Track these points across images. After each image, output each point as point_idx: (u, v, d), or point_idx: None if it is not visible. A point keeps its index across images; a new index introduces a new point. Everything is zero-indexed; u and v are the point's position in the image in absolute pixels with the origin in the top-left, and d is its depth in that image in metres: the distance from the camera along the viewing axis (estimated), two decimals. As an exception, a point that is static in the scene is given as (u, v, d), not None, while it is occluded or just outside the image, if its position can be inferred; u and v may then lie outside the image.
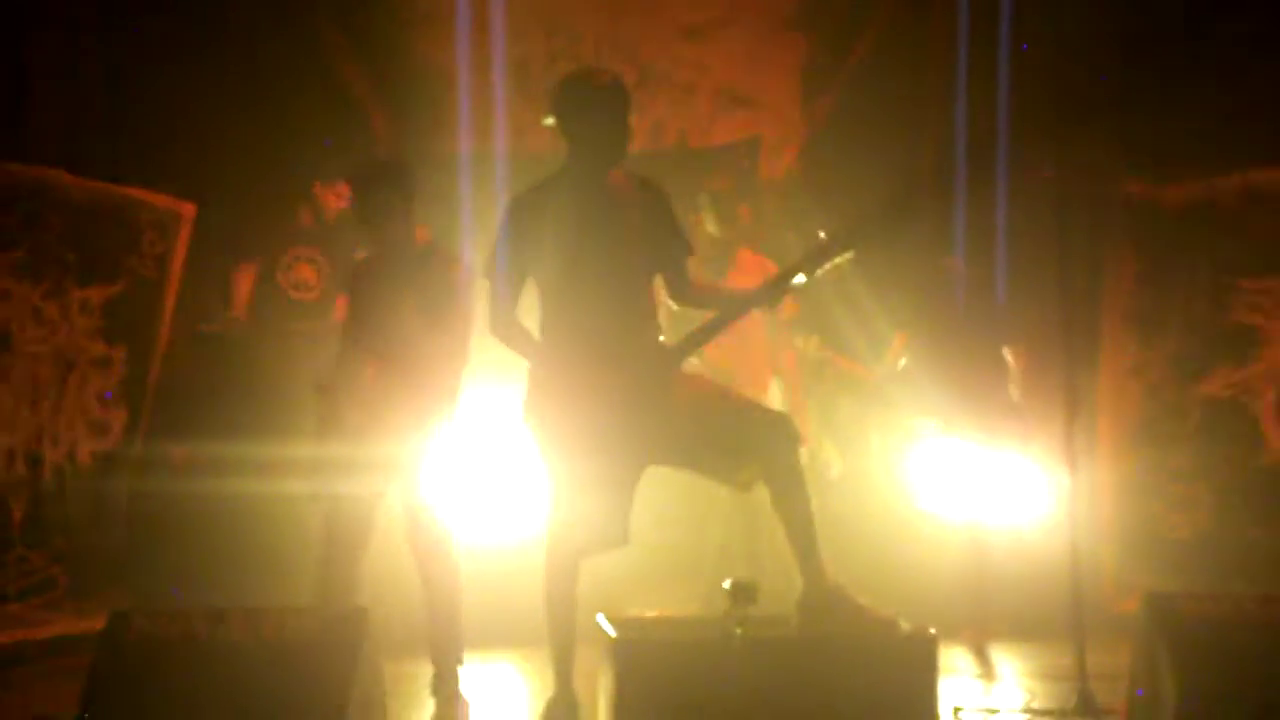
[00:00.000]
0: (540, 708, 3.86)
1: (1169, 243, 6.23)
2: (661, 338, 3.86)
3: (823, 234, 3.75)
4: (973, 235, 6.16)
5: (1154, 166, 6.20)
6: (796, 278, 3.74)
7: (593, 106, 3.79)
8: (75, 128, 5.61)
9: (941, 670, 3.44)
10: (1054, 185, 4.32)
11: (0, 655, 5.04)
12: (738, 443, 3.71)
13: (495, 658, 5.33)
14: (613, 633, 3.48)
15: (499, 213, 3.89)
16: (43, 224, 5.42)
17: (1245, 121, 5.85)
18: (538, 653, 4.12)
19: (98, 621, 3.65)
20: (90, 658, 3.47)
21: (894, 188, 4.83)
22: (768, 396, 5.59)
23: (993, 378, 5.50)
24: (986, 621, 5.54)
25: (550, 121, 3.85)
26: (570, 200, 3.80)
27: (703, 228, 5.60)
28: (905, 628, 3.55)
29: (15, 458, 5.34)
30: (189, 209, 5.85)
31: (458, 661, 4.34)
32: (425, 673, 4.38)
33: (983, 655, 5.29)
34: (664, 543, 5.56)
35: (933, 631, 3.44)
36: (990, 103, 6.22)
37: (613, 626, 3.53)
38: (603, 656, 3.55)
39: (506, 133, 6.38)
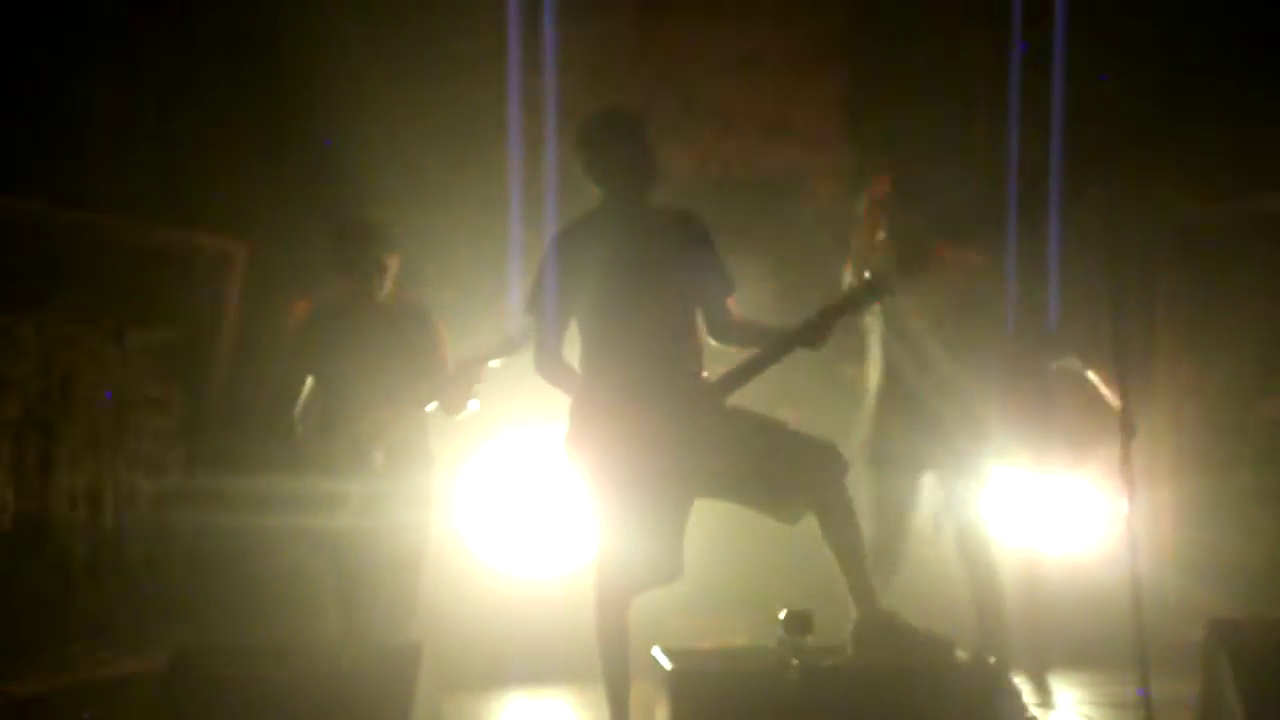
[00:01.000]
0: (597, 743, 3.87)
1: (1223, 262, 6.16)
2: (705, 373, 3.85)
3: (868, 273, 3.75)
4: (1024, 260, 6.12)
5: (1206, 185, 6.14)
6: (842, 316, 3.74)
7: (613, 140, 3.84)
8: (128, 171, 5.69)
9: (1013, 695, 3.41)
10: (1106, 207, 4.28)
11: (63, 698, 5.09)
12: (785, 475, 3.69)
13: (549, 694, 5.33)
14: (668, 665, 3.47)
15: (542, 250, 3.92)
16: (101, 269, 5.51)
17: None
18: (592, 688, 4.12)
19: (159, 662, 3.70)
20: (153, 698, 3.51)
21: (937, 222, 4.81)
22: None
23: (1043, 402, 5.43)
24: (1045, 650, 5.46)
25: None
26: (610, 235, 3.83)
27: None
28: (962, 656, 3.52)
29: (77, 500, 5.42)
30: (242, 248, 5.93)
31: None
32: (478, 707, 4.38)
33: (1041, 684, 5.22)
34: (718, 574, 5.54)
35: (992, 660, 3.40)
36: (1042, 125, 6.19)
37: (668, 658, 3.52)
38: (658, 689, 3.54)
39: (555, 170, 6.42)
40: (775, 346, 3.80)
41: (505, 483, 5.86)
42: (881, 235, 4.56)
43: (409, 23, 6.61)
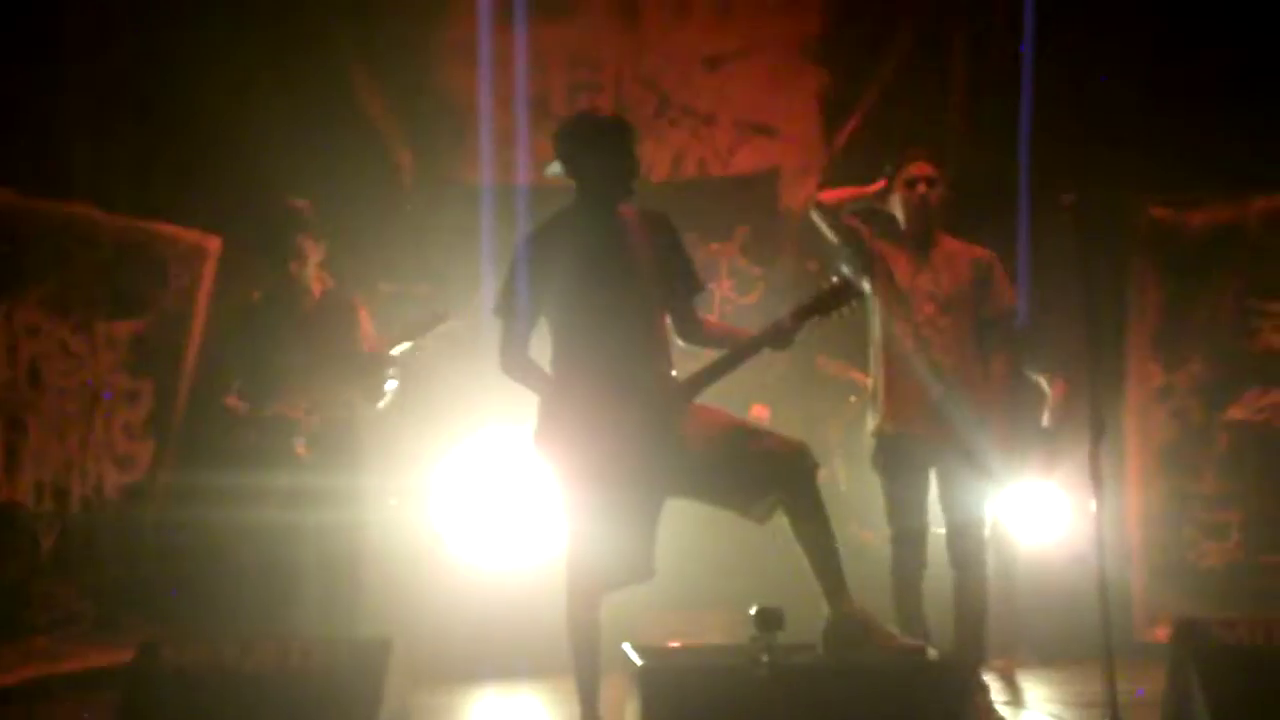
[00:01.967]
0: (566, 737, 3.87)
1: (1194, 267, 6.20)
2: (674, 372, 3.86)
3: (835, 277, 3.76)
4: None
5: (1178, 191, 6.19)
6: (809, 319, 3.75)
7: (596, 145, 3.84)
8: (102, 164, 5.66)
9: (970, 697, 3.42)
10: (1077, 211, 4.31)
11: (29, 689, 5.05)
12: (756, 474, 3.70)
13: (520, 689, 5.32)
14: (638, 661, 3.47)
15: (511, 251, 3.92)
16: (71, 259, 5.47)
17: (1270, 145, 5.83)
18: (563, 683, 4.12)
19: (126, 654, 3.68)
20: (119, 689, 3.49)
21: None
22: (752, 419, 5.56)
23: (1018, 404, 5.46)
24: (1014, 649, 5.50)
25: (552, 170, 3.89)
26: (580, 237, 3.83)
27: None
28: (933, 655, 3.53)
29: (43, 491, 5.37)
30: (214, 243, 5.90)
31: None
32: (449, 702, 4.38)
33: (1011, 683, 5.25)
34: (693, 571, 5.55)
35: (962, 658, 3.42)
36: (1012, 130, 6.22)
37: (638, 654, 3.52)
38: (628, 685, 3.54)
39: (528, 166, 6.42)
40: (743, 347, 3.83)
41: (478, 479, 5.85)
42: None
43: (386, 19, 6.60)
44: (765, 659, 3.31)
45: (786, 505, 3.70)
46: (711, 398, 3.87)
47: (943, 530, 4.54)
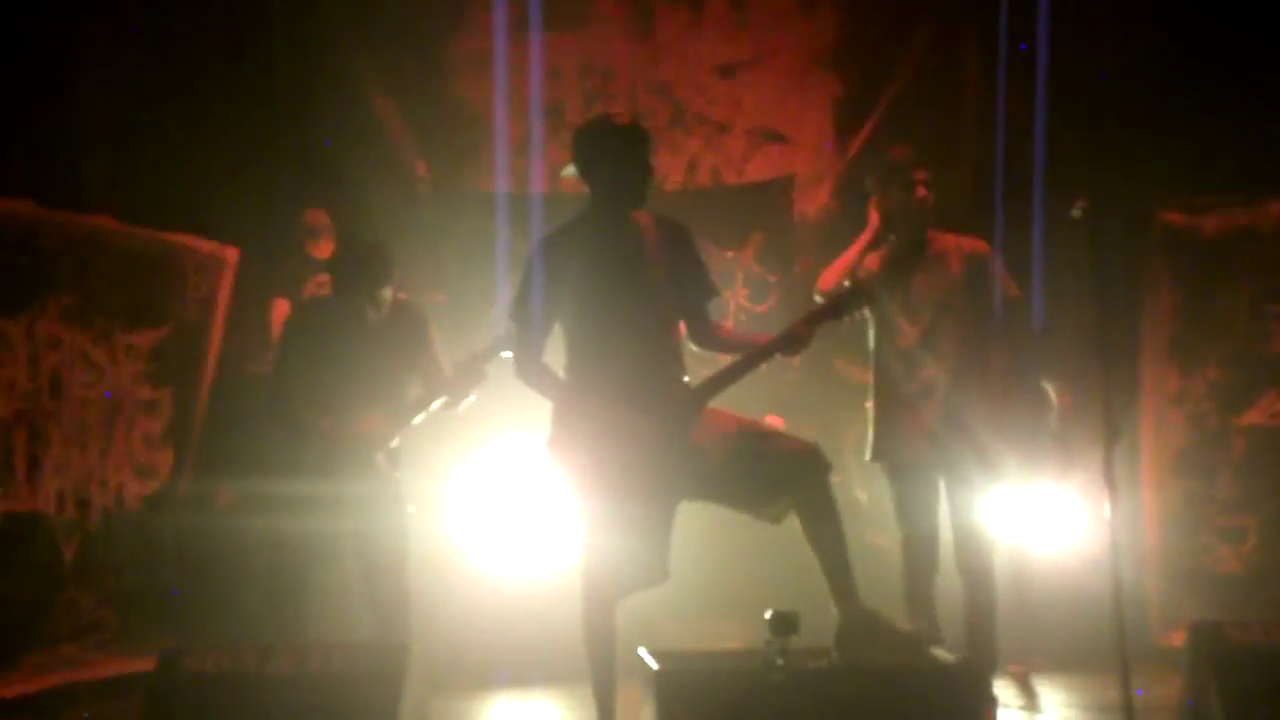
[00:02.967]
0: (583, 743, 3.89)
1: (1208, 271, 6.19)
2: (686, 378, 3.87)
3: (847, 281, 3.78)
4: (1009, 268, 6.16)
5: (1191, 195, 6.18)
6: (822, 323, 3.77)
7: (612, 150, 3.84)
8: (122, 176, 5.71)
9: (990, 701, 3.43)
10: (1091, 216, 4.31)
11: (52, 697, 5.09)
12: (769, 476, 3.72)
13: (536, 695, 5.34)
14: (654, 665, 3.49)
15: (527, 257, 3.94)
16: (91, 271, 5.52)
17: (1283, 149, 5.83)
18: (579, 689, 4.13)
19: (148, 661, 3.71)
20: (141, 697, 3.52)
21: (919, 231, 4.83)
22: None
23: (1031, 408, 5.46)
24: (1030, 653, 5.50)
25: (568, 171, 3.91)
26: (594, 243, 3.84)
27: None
28: (947, 657, 3.54)
29: (65, 501, 5.42)
30: (232, 253, 5.95)
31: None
32: (466, 708, 4.40)
33: (1027, 687, 5.25)
34: (711, 579, 5.56)
35: (976, 661, 3.43)
36: (1026, 135, 6.23)
37: (654, 659, 3.54)
38: (645, 690, 3.56)
39: (543, 174, 6.46)
40: (758, 352, 3.84)
41: (494, 486, 5.87)
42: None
43: (401, 29, 6.65)
44: (780, 663, 3.33)
45: (799, 506, 3.72)
46: (726, 405, 3.89)
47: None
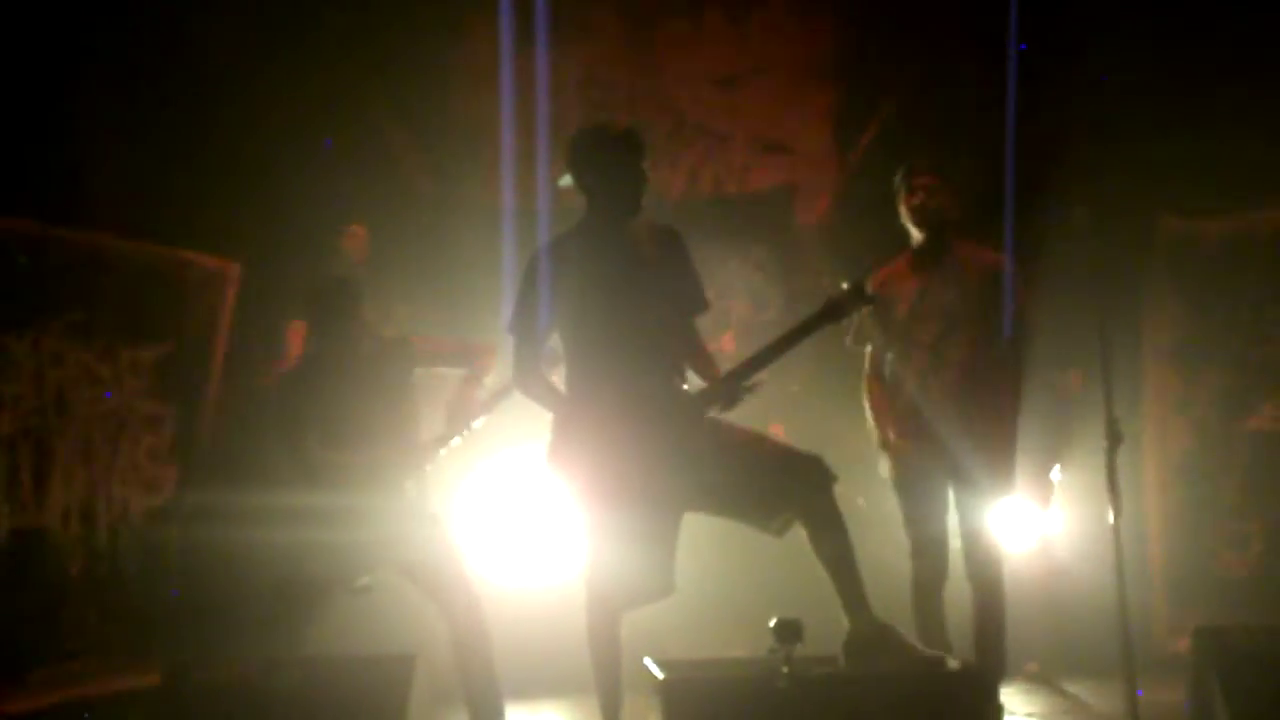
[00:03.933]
0: (590, 755, 3.88)
1: (1209, 277, 6.20)
2: (685, 386, 3.86)
3: (845, 285, 3.76)
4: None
5: (1192, 201, 6.19)
6: (821, 326, 3.77)
7: (606, 159, 3.83)
8: (124, 193, 5.73)
9: (997, 709, 3.43)
10: (1092, 223, 4.32)
11: (59, 712, 5.09)
12: (772, 488, 3.70)
13: (542, 707, 5.34)
14: (660, 674, 3.49)
15: (524, 267, 3.92)
16: (95, 287, 5.53)
17: (1284, 154, 5.84)
18: (585, 700, 4.13)
19: (154, 676, 3.72)
20: (148, 711, 3.53)
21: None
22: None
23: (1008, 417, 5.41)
24: (1037, 660, 5.50)
25: (565, 181, 3.90)
26: (590, 252, 3.83)
27: None
28: (954, 665, 3.55)
29: (70, 516, 5.43)
30: (234, 268, 5.97)
31: None
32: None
33: (1033, 694, 5.25)
34: (717, 592, 5.56)
35: (983, 669, 3.43)
36: (1029, 142, 6.23)
37: (660, 668, 3.54)
38: (651, 699, 3.56)
39: (547, 188, 6.47)
40: (762, 356, 3.80)
41: (500, 498, 5.88)
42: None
43: (402, 43, 6.67)
44: (786, 671, 3.32)
45: (804, 517, 3.70)
46: (729, 415, 3.88)
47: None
